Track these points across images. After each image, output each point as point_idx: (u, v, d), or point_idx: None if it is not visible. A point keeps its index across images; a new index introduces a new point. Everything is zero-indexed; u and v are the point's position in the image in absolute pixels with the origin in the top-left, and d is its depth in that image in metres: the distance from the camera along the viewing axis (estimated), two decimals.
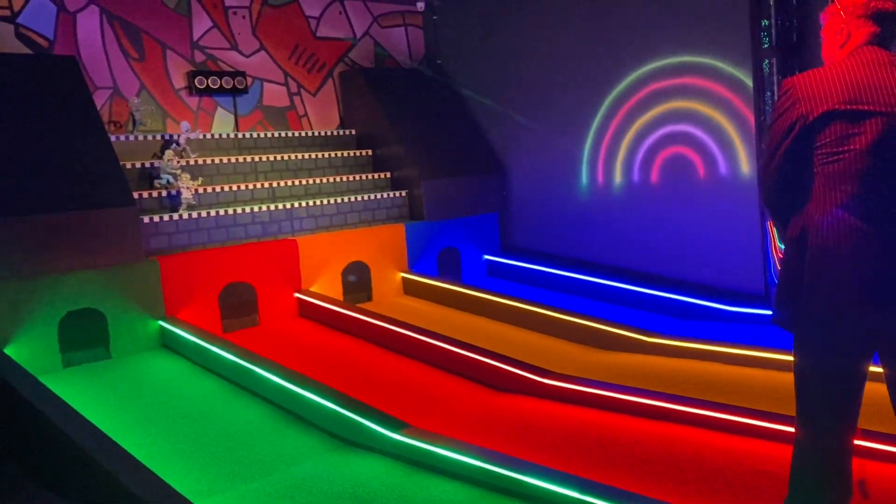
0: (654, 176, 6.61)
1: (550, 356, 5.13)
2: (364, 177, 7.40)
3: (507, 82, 7.74)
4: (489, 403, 4.27)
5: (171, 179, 6.17)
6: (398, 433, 3.50)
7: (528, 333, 5.84)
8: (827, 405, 2.18)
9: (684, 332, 5.49)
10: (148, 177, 6.28)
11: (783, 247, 2.33)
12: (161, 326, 5.39)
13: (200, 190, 6.27)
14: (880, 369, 2.21)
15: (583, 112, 7.10)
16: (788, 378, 2.47)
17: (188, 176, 6.17)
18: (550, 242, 7.57)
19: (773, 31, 5.43)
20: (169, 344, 5.36)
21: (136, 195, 5.79)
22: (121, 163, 5.92)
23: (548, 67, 7.35)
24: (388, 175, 7.55)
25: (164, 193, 6.09)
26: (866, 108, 2.11)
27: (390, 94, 7.76)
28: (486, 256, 7.71)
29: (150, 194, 6.05)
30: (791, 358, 2.29)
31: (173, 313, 5.51)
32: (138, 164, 6.24)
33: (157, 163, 6.27)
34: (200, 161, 6.52)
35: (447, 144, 7.72)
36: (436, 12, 8.49)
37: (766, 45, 5.49)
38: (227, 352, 4.72)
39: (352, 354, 5.27)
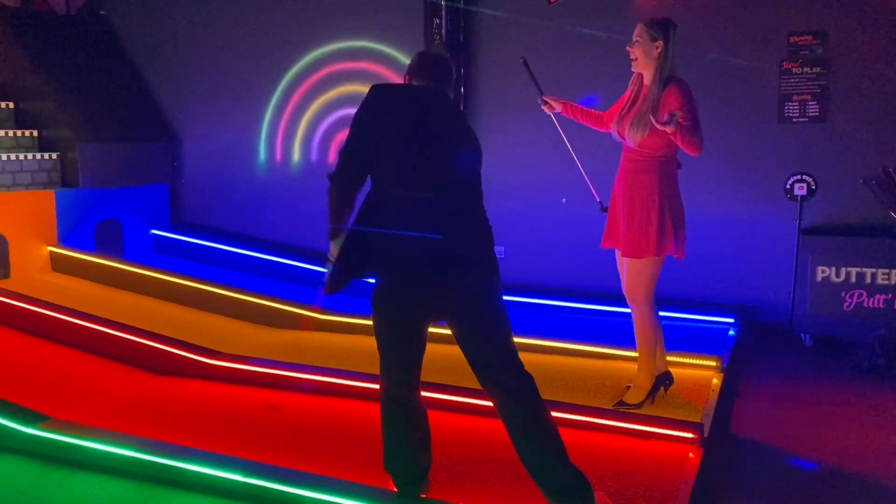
0: (332, 157, 6.69)
1: (221, 336, 4.92)
2: (3, 133, 6.34)
3: (178, 44, 7.20)
4: (148, 389, 3.96)
5: None
6: (34, 427, 3.07)
7: (199, 313, 5.53)
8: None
9: (357, 308, 5.65)
10: None
11: None
12: None
13: None
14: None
15: (262, 86, 6.90)
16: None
17: None
18: (226, 218, 7.25)
19: (444, 30, 5.84)
20: None
21: None
22: None
23: (228, 35, 6.99)
24: (35, 133, 6.55)
25: None
26: None
27: (42, 41, 6.74)
28: (154, 231, 7.13)
29: None
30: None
31: None
32: None
33: None
34: None
35: (110, 105, 6.95)
36: None
37: (435, 41, 5.86)
38: None
39: None
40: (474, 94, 6.10)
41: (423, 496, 2.68)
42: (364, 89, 2.64)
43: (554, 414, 3.21)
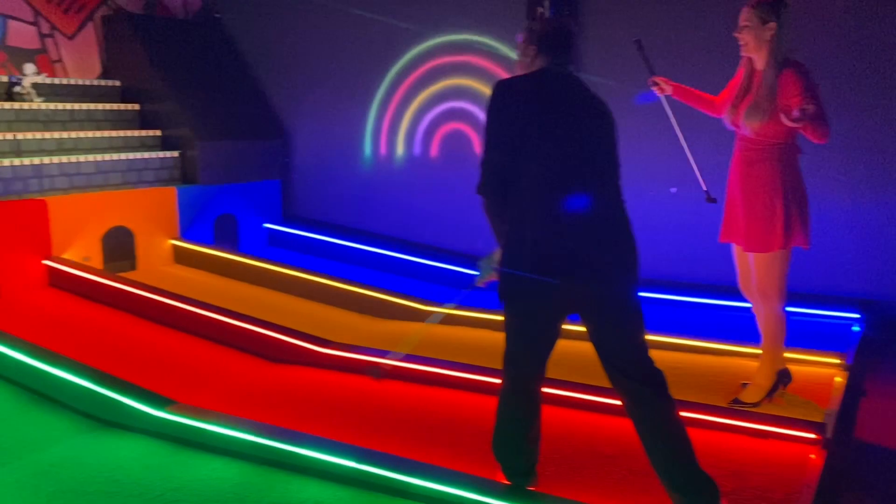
0: (435, 150, 6.76)
1: (331, 326, 5.07)
2: (129, 133, 6.76)
3: (292, 47, 7.46)
4: (265, 376, 4.13)
5: None
6: (162, 410, 3.26)
7: (309, 303, 5.73)
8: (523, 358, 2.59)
9: (460, 300, 5.69)
10: None
11: None
12: None
13: None
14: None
15: (367, 83, 7.05)
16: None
17: None
18: (334, 212, 7.47)
19: (547, 17, 5.75)
20: None
21: None
22: None
23: (334, 34, 7.18)
24: (159, 133, 6.96)
25: None
26: None
27: (163, 45, 7.15)
28: (267, 225, 7.43)
29: None
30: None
31: None
32: None
33: None
34: None
35: (226, 105, 7.29)
36: None
37: None
38: None
39: (112, 328, 4.82)
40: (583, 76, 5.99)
41: (532, 489, 2.67)
42: (467, 82, 2.62)
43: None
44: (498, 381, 3.64)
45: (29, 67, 6.41)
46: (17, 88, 6.37)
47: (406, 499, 2.69)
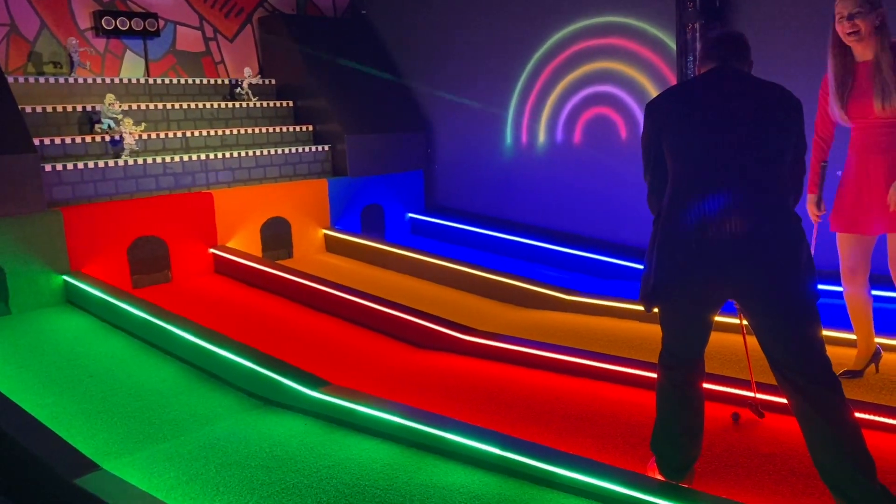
0: (577, 137, 6.64)
1: (473, 314, 5.13)
2: (285, 129, 7.15)
3: (433, 39, 7.58)
4: (411, 361, 4.24)
5: (113, 124, 5.92)
6: (317, 391, 3.43)
7: (452, 291, 5.82)
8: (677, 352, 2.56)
9: (603, 290, 5.58)
10: (89, 121, 6.03)
11: None
12: (65, 281, 5.10)
13: (144, 136, 6.11)
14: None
15: (508, 71, 7.04)
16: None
17: (131, 121, 5.94)
18: (475, 201, 7.54)
19: None
20: (74, 300, 5.09)
21: (77, 140, 5.72)
22: (60, 106, 5.88)
23: (475, 25, 7.23)
24: (311, 128, 7.32)
25: (106, 138, 5.87)
26: None
27: (313, 43, 7.49)
28: (410, 214, 7.62)
29: (92, 139, 5.81)
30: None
31: (78, 268, 5.22)
32: (79, 108, 6.00)
33: (98, 107, 6.01)
34: (89, 108, 6.16)
35: (372, 99, 7.54)
36: None
37: (689, 10, 5.53)
38: (137, 308, 4.51)
39: (270, 312, 5.13)
40: None
41: (687, 486, 2.58)
42: (611, 65, 2.58)
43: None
44: (644, 373, 3.57)
45: (247, 71, 7.10)
46: (237, 90, 7.09)
47: (552, 489, 2.67)
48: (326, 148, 7.14)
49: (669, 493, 2.47)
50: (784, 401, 2.49)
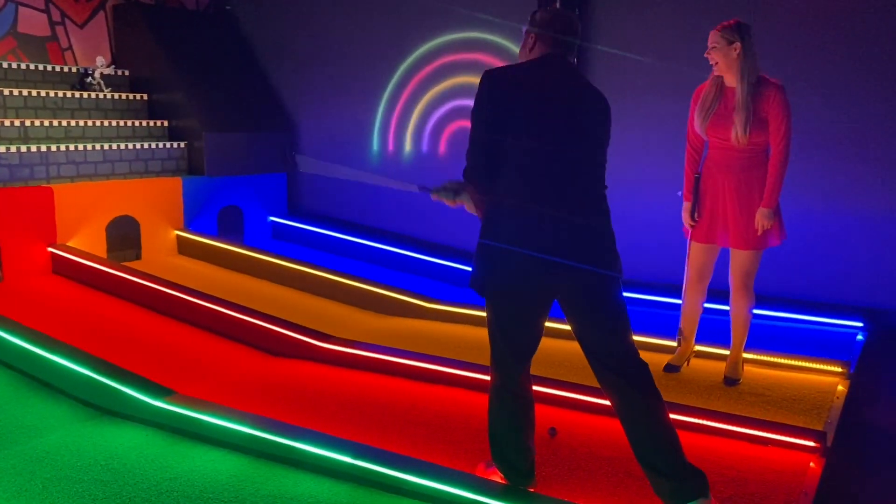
0: (443, 148, 6.75)
1: (333, 321, 5.07)
2: (137, 123, 6.77)
3: (301, 40, 7.45)
4: (265, 369, 4.13)
5: None
6: (161, 400, 3.26)
7: (312, 298, 5.73)
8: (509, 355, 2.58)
9: (463, 298, 5.68)
10: None
11: None
12: None
13: None
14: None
15: (376, 79, 7.04)
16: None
17: None
18: (339, 207, 7.47)
19: None
20: None
21: None
22: None
23: (343, 29, 7.18)
24: (166, 123, 6.97)
25: None
26: None
27: (173, 35, 7.15)
28: (272, 218, 7.44)
29: None
30: None
31: None
32: None
33: None
34: None
35: (234, 97, 7.29)
36: None
37: None
38: None
39: (114, 317, 4.83)
40: (589, 75, 5.97)
41: (532, 490, 2.66)
42: (476, 80, 2.57)
43: None
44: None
45: (99, 60, 6.68)
46: (88, 79, 6.60)
47: (402, 496, 2.68)
48: (182, 145, 6.82)
49: (516, 498, 2.55)
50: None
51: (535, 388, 2.70)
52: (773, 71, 3.70)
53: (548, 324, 2.64)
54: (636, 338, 2.57)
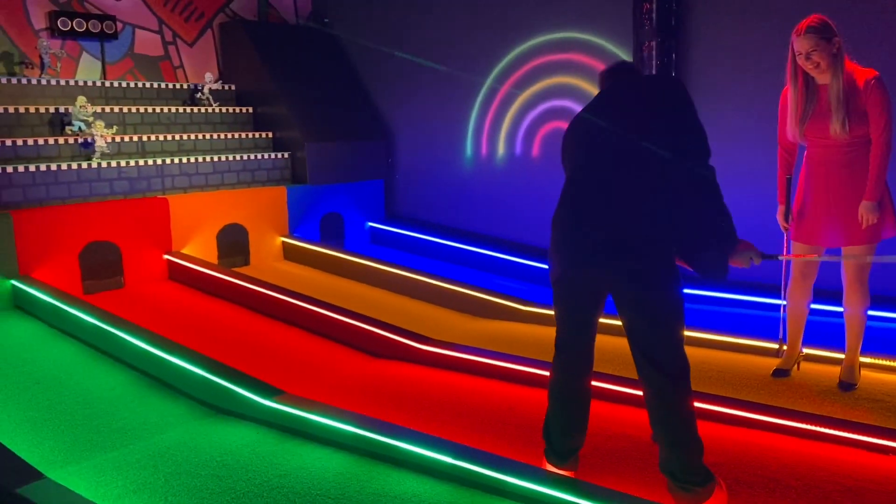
0: (536, 150, 6.73)
1: (430, 324, 5.14)
2: (244, 135, 7.10)
3: (394, 47, 7.61)
4: (367, 370, 4.24)
5: (84, 126, 5.86)
6: (271, 400, 3.40)
7: (410, 301, 5.83)
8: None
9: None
10: (60, 123, 5.98)
11: None
12: (13, 286, 4.98)
13: (117, 139, 6.09)
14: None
15: (469, 83, 7.10)
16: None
17: (102, 123, 5.90)
18: (434, 211, 7.58)
19: (654, 14, 5.61)
20: (22, 305, 4.97)
21: (29, 142, 5.66)
22: (11, 107, 5.80)
23: (436, 35, 7.28)
24: (270, 135, 7.28)
25: (79, 140, 5.85)
26: None
27: (275, 50, 7.46)
28: (370, 223, 7.62)
29: (65, 140, 5.78)
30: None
31: (28, 272, 5.11)
32: (52, 109, 5.98)
33: (69, 108, 5.96)
34: (62, 109, 6.06)
35: (333, 107, 7.53)
36: None
37: (646, 28, 5.66)
38: (88, 314, 4.43)
39: (225, 320, 5.08)
40: (687, 82, 5.82)
41: (569, 471, 2.79)
42: (570, 80, 2.69)
43: (775, 421, 3.02)
44: (601, 384, 3.62)
45: (208, 76, 7.09)
46: (198, 95, 7.02)
47: (503, 497, 2.69)
48: (286, 155, 7.10)
49: (621, 500, 2.52)
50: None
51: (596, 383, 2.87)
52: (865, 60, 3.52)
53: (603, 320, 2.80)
54: (724, 338, 2.58)
